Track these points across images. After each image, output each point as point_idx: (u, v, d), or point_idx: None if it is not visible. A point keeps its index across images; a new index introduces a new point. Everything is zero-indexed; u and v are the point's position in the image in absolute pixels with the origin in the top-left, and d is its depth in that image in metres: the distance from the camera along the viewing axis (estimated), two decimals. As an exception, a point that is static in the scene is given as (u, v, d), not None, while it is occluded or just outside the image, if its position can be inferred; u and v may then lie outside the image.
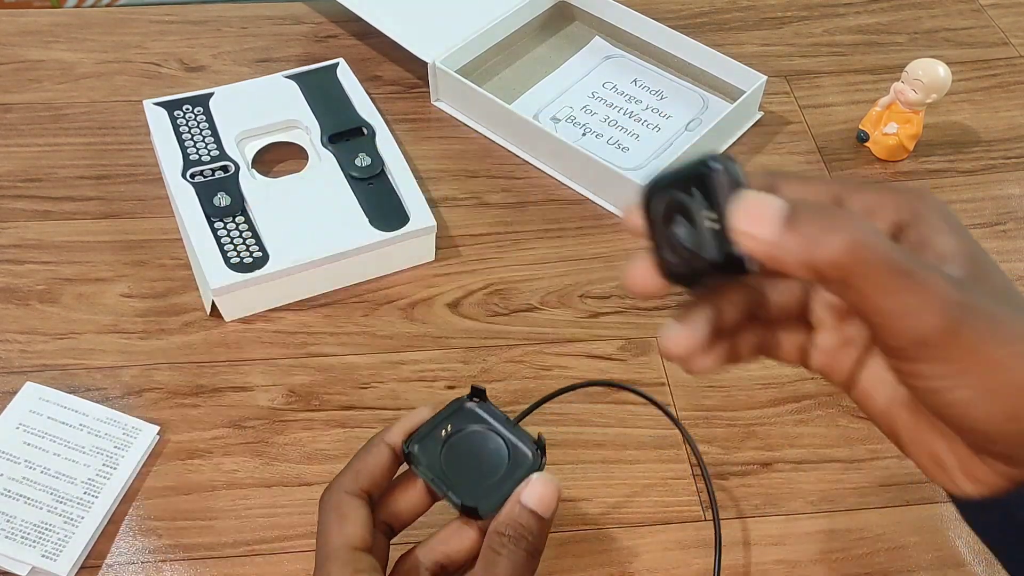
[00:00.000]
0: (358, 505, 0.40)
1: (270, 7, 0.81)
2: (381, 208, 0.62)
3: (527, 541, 0.38)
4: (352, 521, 0.40)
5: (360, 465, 0.41)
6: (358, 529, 0.39)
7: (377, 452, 0.41)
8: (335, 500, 0.41)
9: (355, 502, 0.40)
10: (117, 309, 0.60)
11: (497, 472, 0.41)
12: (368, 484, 0.41)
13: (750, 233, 0.28)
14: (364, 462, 0.41)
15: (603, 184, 0.67)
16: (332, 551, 0.39)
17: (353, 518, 0.40)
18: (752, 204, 0.28)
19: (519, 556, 0.38)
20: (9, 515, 0.50)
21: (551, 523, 0.39)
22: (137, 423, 0.54)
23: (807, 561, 0.51)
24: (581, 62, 0.77)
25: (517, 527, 0.38)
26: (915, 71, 0.67)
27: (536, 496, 0.39)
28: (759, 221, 0.28)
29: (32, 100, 0.72)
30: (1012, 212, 0.69)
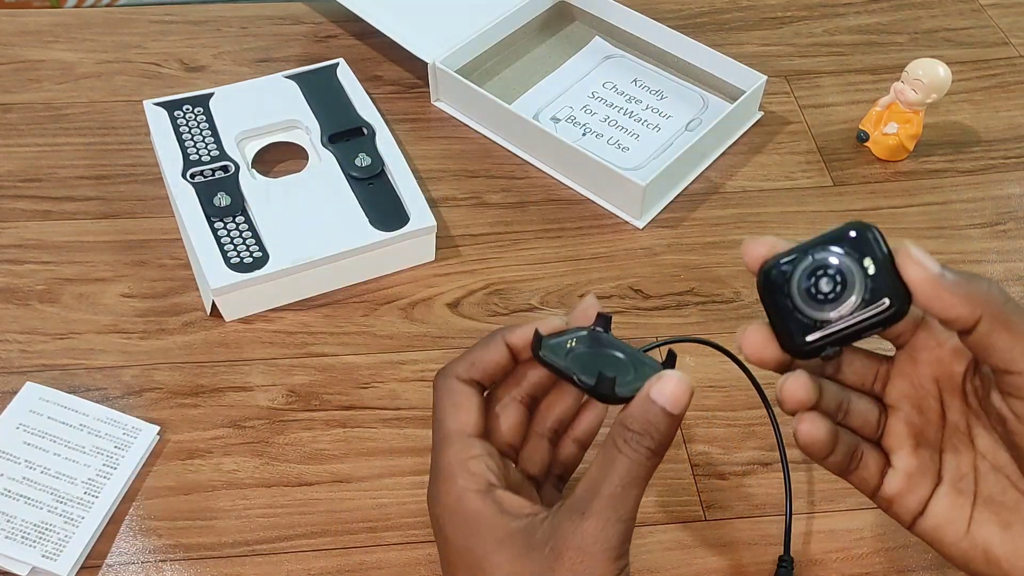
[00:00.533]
0: (471, 393, 0.40)
1: (270, 7, 0.81)
2: (381, 208, 0.62)
3: (652, 439, 0.36)
4: (466, 409, 0.40)
5: (476, 356, 0.41)
6: (472, 416, 0.40)
7: (495, 347, 0.41)
8: (449, 385, 0.41)
9: (468, 390, 0.40)
10: (117, 309, 0.60)
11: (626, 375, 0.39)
12: (481, 375, 0.41)
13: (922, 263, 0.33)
14: (480, 354, 0.41)
15: (603, 184, 0.67)
16: (448, 435, 0.39)
17: (467, 406, 0.40)
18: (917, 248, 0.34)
19: (641, 454, 0.36)
20: (9, 515, 0.50)
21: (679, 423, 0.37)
22: (137, 423, 0.54)
23: (807, 561, 0.51)
24: (581, 62, 0.77)
25: (644, 423, 0.36)
26: (915, 71, 0.67)
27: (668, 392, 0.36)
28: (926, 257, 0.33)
29: (32, 100, 0.72)
30: (1012, 212, 0.69)
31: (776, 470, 0.54)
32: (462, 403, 0.40)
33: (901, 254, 0.34)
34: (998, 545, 0.36)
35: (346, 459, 0.54)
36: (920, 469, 0.37)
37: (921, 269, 0.33)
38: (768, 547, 0.51)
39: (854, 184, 0.70)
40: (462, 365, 0.41)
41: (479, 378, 0.41)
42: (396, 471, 0.54)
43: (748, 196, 0.69)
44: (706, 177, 0.70)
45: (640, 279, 0.63)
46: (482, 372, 0.41)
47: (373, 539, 0.51)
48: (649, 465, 0.37)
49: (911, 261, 0.33)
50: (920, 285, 0.33)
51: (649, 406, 0.36)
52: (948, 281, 0.33)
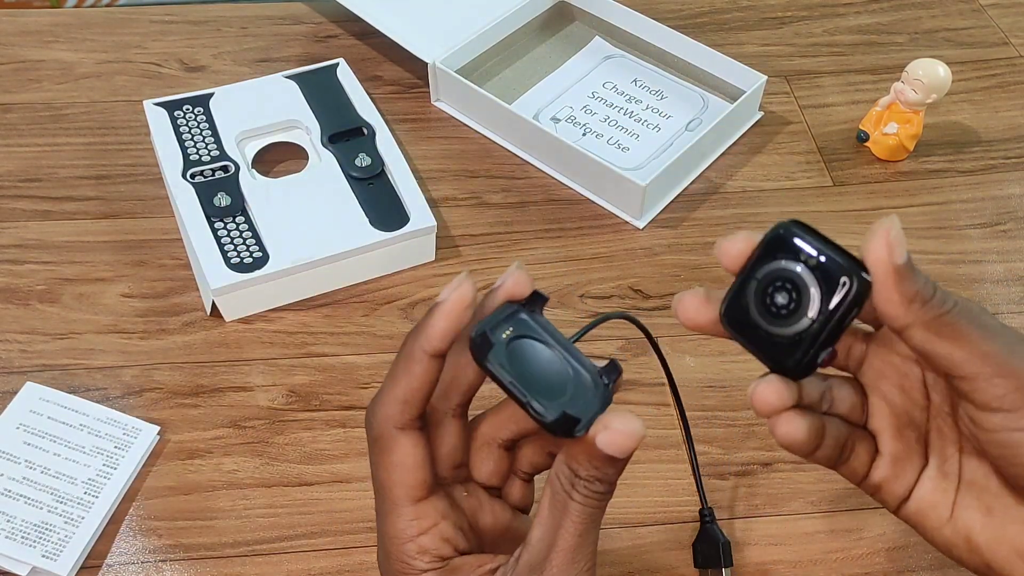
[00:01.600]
0: (413, 442, 0.35)
1: (270, 7, 0.81)
2: (381, 208, 0.62)
3: (602, 483, 0.33)
4: (410, 467, 0.35)
5: (405, 391, 0.34)
6: (419, 473, 0.35)
7: (420, 369, 0.34)
8: (385, 441, 0.35)
9: (409, 439, 0.35)
10: (117, 309, 0.60)
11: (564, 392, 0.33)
12: (418, 410, 0.35)
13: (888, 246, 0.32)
14: (408, 383, 0.34)
15: (603, 184, 0.67)
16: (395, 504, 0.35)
17: (411, 462, 0.35)
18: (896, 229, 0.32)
19: (593, 499, 0.34)
20: (9, 515, 0.50)
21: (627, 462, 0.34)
22: (137, 423, 0.54)
23: (807, 561, 0.51)
24: (581, 62, 0.77)
25: (592, 470, 0.33)
26: (915, 71, 0.67)
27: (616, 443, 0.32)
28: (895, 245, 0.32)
29: (32, 100, 0.72)
30: (1012, 212, 0.69)
31: (776, 470, 0.54)
32: (404, 461, 0.35)
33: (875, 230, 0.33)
34: (979, 532, 0.35)
35: (346, 459, 0.54)
36: (906, 452, 0.36)
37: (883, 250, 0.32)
38: (768, 547, 0.52)
39: (854, 184, 0.70)
40: (393, 407, 0.35)
41: (417, 415, 0.35)
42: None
43: (748, 196, 0.69)
44: (706, 177, 0.70)
45: (640, 279, 0.63)
46: (419, 406, 0.35)
47: (373, 539, 0.51)
48: (602, 506, 0.34)
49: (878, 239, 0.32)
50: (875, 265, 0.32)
51: (597, 453, 0.33)
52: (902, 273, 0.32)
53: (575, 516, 0.33)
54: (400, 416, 0.34)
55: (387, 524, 0.35)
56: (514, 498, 0.39)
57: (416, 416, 0.35)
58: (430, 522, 0.35)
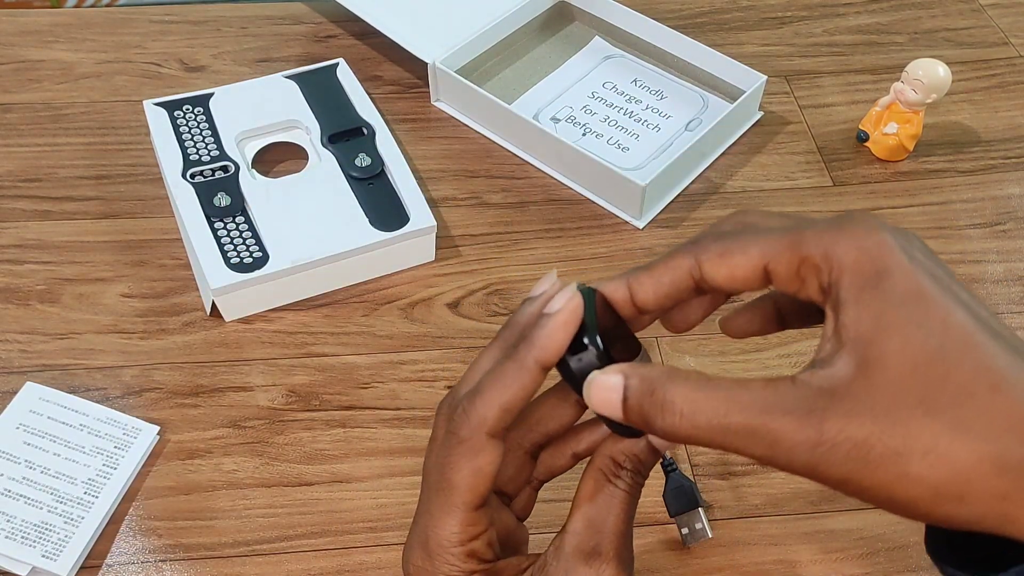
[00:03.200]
0: (498, 452, 0.33)
1: (270, 7, 0.81)
2: (381, 208, 0.62)
3: (642, 474, 0.34)
4: (487, 475, 0.33)
5: (510, 399, 0.32)
6: (489, 483, 0.33)
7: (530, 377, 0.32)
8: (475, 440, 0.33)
9: (496, 448, 0.33)
10: (117, 309, 0.60)
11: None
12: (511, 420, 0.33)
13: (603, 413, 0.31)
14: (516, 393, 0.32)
15: (603, 184, 0.67)
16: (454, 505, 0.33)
17: (489, 470, 0.33)
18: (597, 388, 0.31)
19: (638, 487, 0.34)
20: (9, 515, 0.50)
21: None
22: (137, 423, 0.54)
23: (807, 561, 0.51)
24: (581, 62, 0.77)
25: (636, 460, 0.34)
26: (915, 71, 0.67)
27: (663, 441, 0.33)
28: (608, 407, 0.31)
29: (32, 100, 0.72)
30: (1012, 212, 0.69)
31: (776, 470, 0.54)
32: (484, 468, 0.33)
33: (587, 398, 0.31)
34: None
35: (346, 459, 0.54)
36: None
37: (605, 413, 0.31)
38: (768, 547, 0.52)
39: (854, 184, 0.70)
40: (494, 412, 0.32)
41: (510, 424, 0.33)
42: (396, 471, 0.54)
43: (748, 196, 0.69)
44: (706, 177, 0.70)
45: (640, 279, 0.63)
46: (515, 417, 0.33)
47: (373, 539, 0.51)
48: (639, 494, 0.35)
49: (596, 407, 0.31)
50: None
51: (644, 445, 0.34)
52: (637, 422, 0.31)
53: (624, 504, 0.34)
54: (497, 424, 0.33)
55: (439, 524, 0.34)
56: (519, 506, 0.39)
57: (508, 426, 0.33)
58: (482, 528, 0.34)
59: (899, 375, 0.26)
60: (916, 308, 0.26)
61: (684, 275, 0.32)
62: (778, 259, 0.29)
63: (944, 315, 0.26)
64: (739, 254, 0.30)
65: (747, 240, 0.30)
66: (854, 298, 0.27)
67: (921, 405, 0.25)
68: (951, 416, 0.25)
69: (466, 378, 0.34)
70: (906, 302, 0.26)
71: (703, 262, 0.31)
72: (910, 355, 0.26)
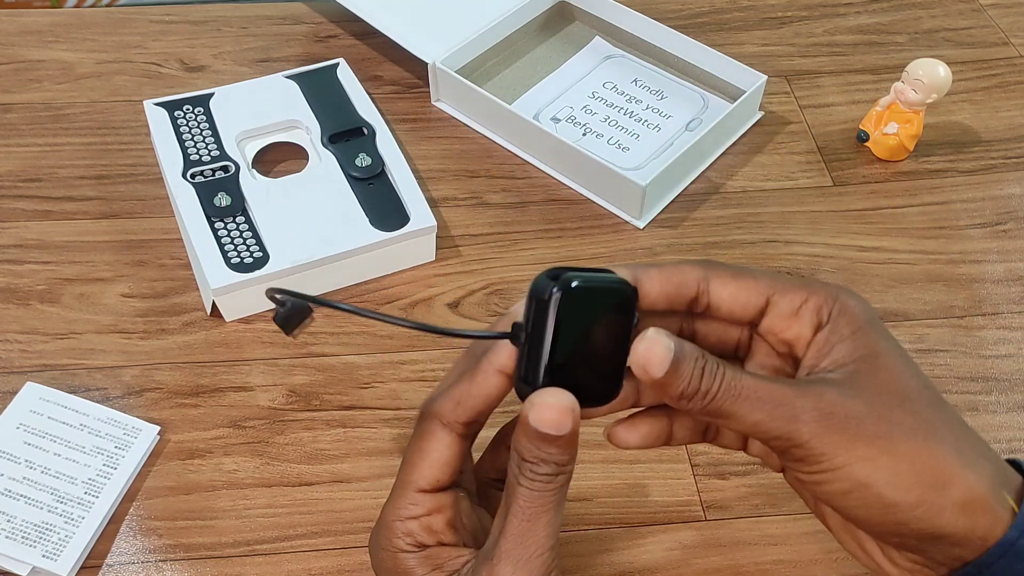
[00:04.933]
0: (447, 441, 0.36)
1: (270, 7, 0.81)
2: (381, 208, 0.62)
3: (547, 464, 0.33)
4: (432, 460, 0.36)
5: (463, 393, 0.36)
6: (435, 470, 0.36)
7: (484, 381, 0.35)
8: (425, 427, 0.36)
9: (445, 437, 0.36)
10: (117, 309, 0.60)
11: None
12: (469, 415, 0.36)
13: (647, 369, 0.32)
14: (467, 390, 0.35)
15: (603, 184, 0.67)
16: (400, 485, 0.37)
17: (435, 456, 0.36)
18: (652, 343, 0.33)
19: (539, 481, 0.34)
20: (10, 515, 0.50)
21: (575, 438, 0.34)
22: (137, 423, 0.54)
23: (807, 561, 0.51)
24: (581, 62, 0.77)
25: (533, 451, 0.33)
26: (915, 71, 0.67)
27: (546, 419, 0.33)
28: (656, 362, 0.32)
29: (32, 100, 0.72)
30: (1012, 212, 0.69)
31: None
32: (430, 451, 0.36)
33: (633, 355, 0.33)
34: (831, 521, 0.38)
35: (346, 459, 0.54)
36: None
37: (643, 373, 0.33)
38: (768, 547, 0.52)
39: (854, 184, 0.70)
40: (447, 403, 0.36)
41: (467, 419, 0.36)
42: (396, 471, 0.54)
43: (748, 196, 0.69)
44: (706, 177, 0.70)
45: (640, 279, 0.63)
46: (469, 414, 0.36)
47: (373, 539, 0.51)
48: (552, 488, 0.34)
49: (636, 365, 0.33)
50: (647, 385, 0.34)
51: (533, 433, 0.33)
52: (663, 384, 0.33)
53: (521, 500, 0.34)
54: (448, 414, 0.36)
55: (391, 501, 0.37)
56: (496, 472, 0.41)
57: (464, 422, 0.36)
58: (424, 511, 0.36)
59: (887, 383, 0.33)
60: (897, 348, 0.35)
61: (691, 283, 0.35)
62: (784, 294, 0.35)
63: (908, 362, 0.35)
64: (750, 279, 0.35)
65: (758, 272, 0.35)
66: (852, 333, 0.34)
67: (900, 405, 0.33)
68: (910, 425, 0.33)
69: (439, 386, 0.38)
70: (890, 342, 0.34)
71: (713, 277, 0.35)
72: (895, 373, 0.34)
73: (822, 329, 0.34)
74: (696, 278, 0.35)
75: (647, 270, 0.35)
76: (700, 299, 0.35)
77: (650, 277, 0.35)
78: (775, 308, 0.35)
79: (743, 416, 0.33)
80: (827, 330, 0.34)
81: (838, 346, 0.34)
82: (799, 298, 0.35)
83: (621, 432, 0.37)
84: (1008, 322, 0.62)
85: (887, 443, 0.32)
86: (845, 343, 0.34)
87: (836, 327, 0.34)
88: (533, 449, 0.33)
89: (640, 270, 0.36)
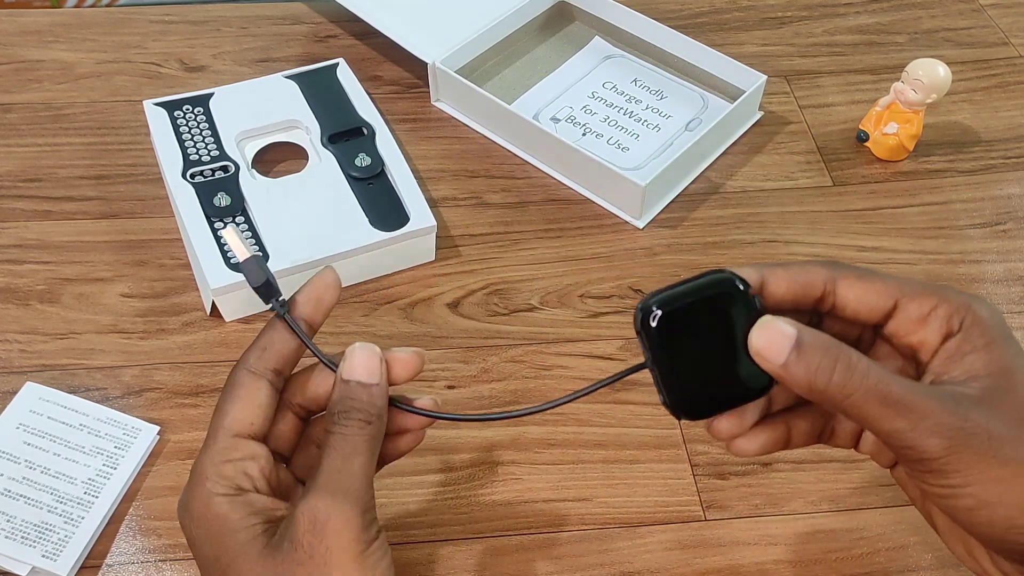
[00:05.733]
0: (258, 387, 0.38)
1: (270, 7, 0.81)
2: (381, 208, 0.62)
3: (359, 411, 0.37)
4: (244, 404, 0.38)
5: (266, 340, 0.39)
6: (248, 412, 0.38)
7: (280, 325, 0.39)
8: (236, 377, 0.38)
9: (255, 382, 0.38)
10: (117, 309, 0.60)
11: None
12: (276, 362, 0.39)
13: (765, 356, 0.33)
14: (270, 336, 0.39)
15: (603, 184, 0.67)
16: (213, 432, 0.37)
17: (247, 400, 0.38)
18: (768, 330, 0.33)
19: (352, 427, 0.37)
20: (9, 515, 0.50)
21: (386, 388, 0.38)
22: (137, 423, 0.54)
23: (807, 561, 0.51)
24: (581, 62, 0.77)
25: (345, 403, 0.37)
26: (915, 71, 0.67)
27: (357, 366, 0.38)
28: (774, 348, 0.33)
29: (32, 100, 0.72)
30: (1012, 212, 0.69)
31: (776, 470, 0.54)
32: (242, 396, 0.38)
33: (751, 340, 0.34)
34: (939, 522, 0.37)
35: (346, 459, 0.54)
36: None
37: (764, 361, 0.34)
38: (768, 547, 0.52)
39: (854, 184, 0.70)
40: (253, 353, 0.39)
41: (274, 367, 0.39)
42: (396, 471, 0.54)
43: (748, 196, 0.69)
44: (706, 177, 0.70)
45: (640, 279, 0.63)
46: (277, 358, 0.39)
47: (373, 539, 0.51)
48: (365, 435, 0.37)
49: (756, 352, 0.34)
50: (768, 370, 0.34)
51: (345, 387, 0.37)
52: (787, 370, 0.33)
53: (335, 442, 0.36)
54: (256, 362, 0.38)
55: (202, 451, 0.37)
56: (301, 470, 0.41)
57: (271, 368, 0.38)
58: (239, 455, 0.37)
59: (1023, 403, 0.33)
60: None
61: (818, 283, 0.35)
62: (913, 298, 0.34)
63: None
64: (879, 282, 0.35)
65: (886, 275, 0.35)
66: (986, 344, 0.33)
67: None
68: None
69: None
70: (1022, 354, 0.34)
71: (840, 278, 0.35)
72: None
73: (952, 337, 0.34)
74: (823, 278, 0.35)
75: (773, 270, 0.35)
76: (826, 299, 0.36)
77: (776, 276, 0.35)
78: (903, 311, 0.35)
79: (884, 422, 0.32)
80: (958, 339, 0.34)
81: (970, 356, 0.34)
82: (929, 304, 0.34)
83: (741, 443, 0.37)
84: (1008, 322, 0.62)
85: (1022, 467, 0.32)
86: (979, 354, 0.33)
87: (969, 336, 0.34)
88: (348, 400, 0.37)
89: (766, 269, 0.36)
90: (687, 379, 0.35)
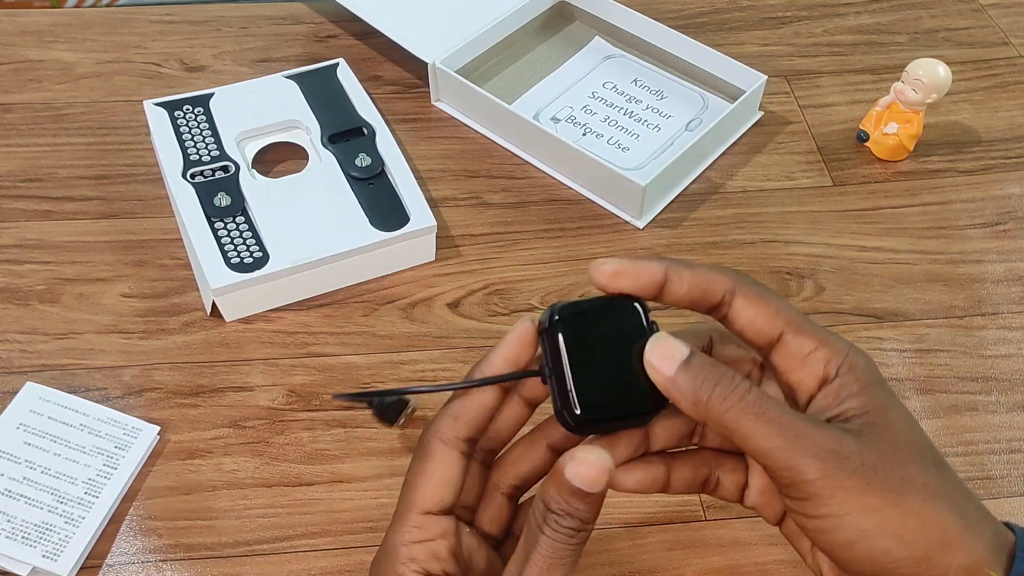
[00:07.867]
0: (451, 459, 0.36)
1: (270, 7, 0.81)
2: (381, 208, 0.62)
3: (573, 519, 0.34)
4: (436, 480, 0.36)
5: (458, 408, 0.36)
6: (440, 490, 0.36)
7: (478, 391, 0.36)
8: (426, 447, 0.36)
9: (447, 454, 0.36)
10: (117, 309, 0.60)
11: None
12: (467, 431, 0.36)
13: (657, 367, 0.33)
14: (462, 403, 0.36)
15: (603, 184, 0.67)
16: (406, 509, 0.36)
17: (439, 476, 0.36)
18: (663, 344, 0.34)
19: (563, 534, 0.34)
20: (10, 515, 0.50)
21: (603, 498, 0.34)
22: (137, 423, 0.54)
23: (807, 561, 0.51)
24: (581, 62, 0.77)
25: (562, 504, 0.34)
26: (915, 71, 0.67)
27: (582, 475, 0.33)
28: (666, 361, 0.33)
29: (32, 100, 0.72)
30: (1012, 212, 0.69)
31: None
32: (434, 471, 0.36)
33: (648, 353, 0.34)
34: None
35: (346, 459, 0.54)
36: (771, 486, 0.37)
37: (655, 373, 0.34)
38: (768, 547, 0.51)
39: (854, 184, 0.70)
40: (444, 419, 0.36)
41: (466, 435, 0.36)
42: (396, 471, 0.54)
43: (748, 196, 0.69)
44: (706, 177, 0.70)
45: (640, 279, 0.63)
46: (468, 426, 0.36)
47: (373, 539, 0.51)
48: (573, 543, 0.34)
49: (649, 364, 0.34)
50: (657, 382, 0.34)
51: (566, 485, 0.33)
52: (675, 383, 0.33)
53: (543, 549, 0.34)
54: (447, 430, 0.36)
55: (393, 526, 0.36)
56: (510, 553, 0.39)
57: (463, 437, 0.36)
58: (429, 535, 0.36)
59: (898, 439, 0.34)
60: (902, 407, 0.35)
61: (718, 292, 0.35)
62: (796, 334, 0.35)
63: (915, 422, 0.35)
64: (772, 308, 0.35)
65: (781, 304, 0.35)
66: (861, 389, 0.34)
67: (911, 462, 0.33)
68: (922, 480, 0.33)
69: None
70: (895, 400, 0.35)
71: (740, 294, 0.35)
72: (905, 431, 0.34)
73: (829, 384, 0.34)
74: (724, 289, 0.35)
75: (679, 269, 0.35)
76: (721, 309, 0.36)
77: (680, 275, 0.35)
78: (785, 346, 0.35)
79: (761, 439, 0.32)
80: (835, 385, 0.34)
81: (848, 400, 0.34)
82: (809, 344, 0.34)
83: (618, 475, 0.37)
84: (1008, 322, 0.62)
85: (898, 497, 0.32)
86: (854, 398, 0.34)
87: (845, 383, 0.34)
88: (562, 501, 0.34)
89: (671, 266, 0.36)
90: (578, 388, 0.34)
